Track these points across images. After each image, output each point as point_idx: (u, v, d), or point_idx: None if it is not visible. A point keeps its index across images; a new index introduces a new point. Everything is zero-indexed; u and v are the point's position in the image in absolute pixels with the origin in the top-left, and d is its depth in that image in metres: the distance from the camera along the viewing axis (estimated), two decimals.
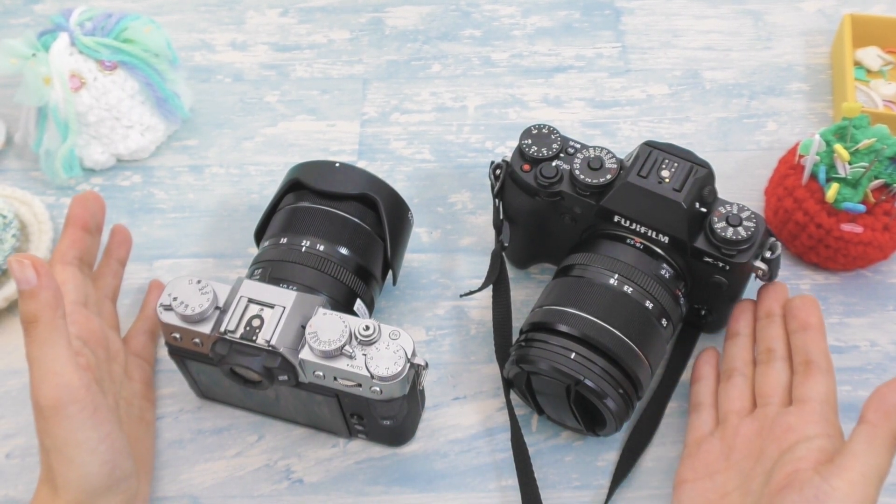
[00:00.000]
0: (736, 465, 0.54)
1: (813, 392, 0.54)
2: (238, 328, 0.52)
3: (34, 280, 0.48)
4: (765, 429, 0.54)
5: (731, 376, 0.58)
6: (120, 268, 0.65)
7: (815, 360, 0.56)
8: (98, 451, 0.50)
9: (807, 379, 0.55)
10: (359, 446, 0.61)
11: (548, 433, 0.61)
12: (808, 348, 0.56)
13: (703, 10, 0.83)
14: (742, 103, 0.77)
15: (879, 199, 0.62)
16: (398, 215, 0.62)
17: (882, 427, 0.48)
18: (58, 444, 0.49)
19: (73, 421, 0.49)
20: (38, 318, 0.48)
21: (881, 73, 0.77)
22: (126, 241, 0.66)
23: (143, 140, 0.73)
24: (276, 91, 0.79)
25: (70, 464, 0.50)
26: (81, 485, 0.50)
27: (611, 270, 0.57)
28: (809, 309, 0.58)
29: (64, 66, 0.69)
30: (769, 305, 0.60)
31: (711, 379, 0.60)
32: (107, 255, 0.65)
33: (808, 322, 0.57)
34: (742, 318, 0.61)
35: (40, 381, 0.49)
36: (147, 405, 0.60)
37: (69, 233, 0.60)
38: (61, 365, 0.49)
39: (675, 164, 0.57)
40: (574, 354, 0.54)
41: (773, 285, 0.61)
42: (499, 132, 0.76)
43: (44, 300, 0.48)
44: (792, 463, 0.50)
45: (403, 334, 0.53)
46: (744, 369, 0.59)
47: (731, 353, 0.60)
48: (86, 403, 0.49)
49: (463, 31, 0.83)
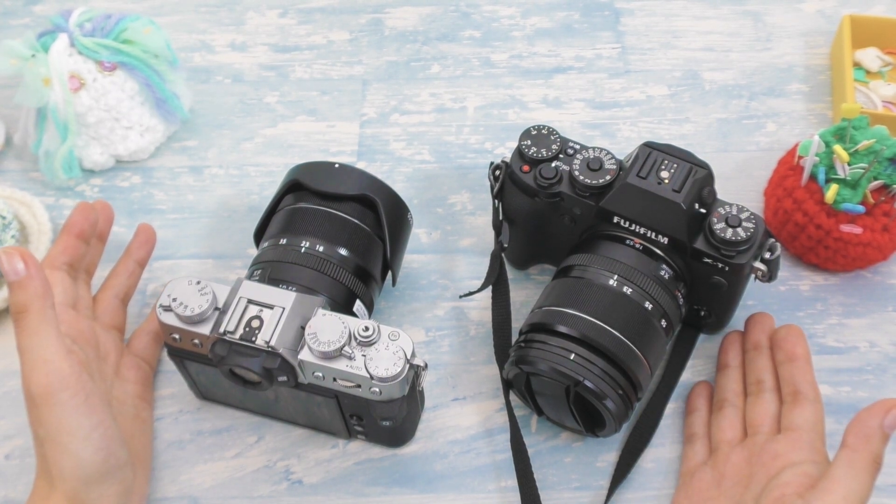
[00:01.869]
0: (727, 493, 0.55)
1: (800, 420, 0.56)
2: (237, 329, 0.52)
3: (23, 271, 0.49)
4: (754, 456, 0.56)
5: (722, 407, 0.60)
6: (137, 268, 0.64)
7: (803, 391, 0.58)
8: (91, 438, 0.50)
9: (794, 408, 0.57)
10: (358, 447, 0.61)
11: (547, 434, 0.61)
12: (796, 379, 0.58)
13: (703, 10, 0.83)
14: (741, 104, 0.77)
15: (879, 199, 0.62)
16: (398, 216, 0.62)
17: (862, 451, 0.49)
18: (51, 433, 0.50)
19: (64, 408, 0.49)
20: (28, 307, 0.49)
21: (880, 74, 0.77)
22: (148, 243, 0.66)
23: (143, 141, 0.73)
24: (275, 92, 0.79)
25: (64, 452, 0.50)
26: (76, 473, 0.50)
27: (610, 271, 0.57)
28: (795, 340, 0.60)
29: (63, 67, 0.69)
30: (756, 337, 0.62)
31: (704, 411, 0.61)
32: (126, 255, 0.65)
33: (794, 353, 0.59)
34: (731, 350, 0.63)
35: (31, 370, 0.49)
36: (143, 405, 0.60)
37: (62, 239, 0.60)
38: (51, 353, 0.49)
39: (674, 164, 0.57)
40: (573, 355, 0.54)
41: (760, 316, 0.63)
42: (498, 133, 0.76)
43: (32, 290, 0.49)
44: (778, 488, 0.51)
45: (403, 335, 0.53)
46: (735, 400, 0.60)
47: (722, 385, 0.61)
48: (77, 390, 0.50)
49: (462, 31, 0.83)
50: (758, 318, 0.63)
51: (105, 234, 0.63)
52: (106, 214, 0.63)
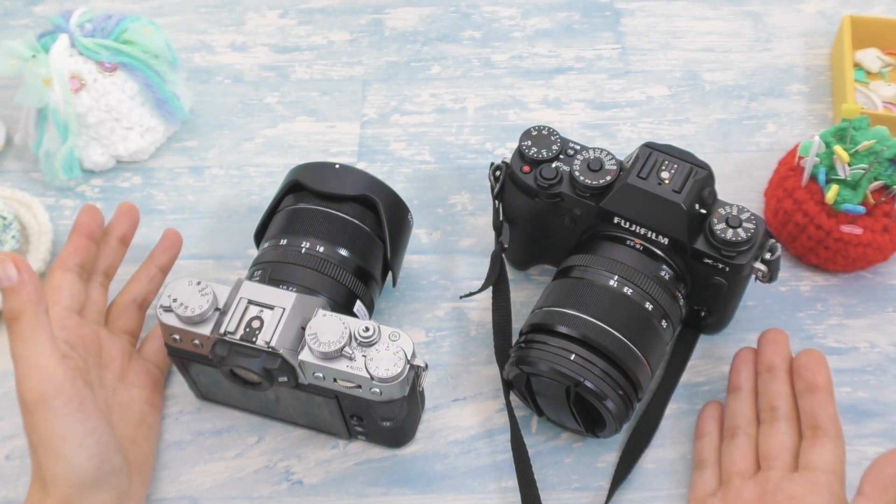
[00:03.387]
0: None
1: (819, 460, 0.53)
2: (238, 329, 0.52)
3: (15, 276, 0.48)
4: (768, 494, 0.53)
5: (734, 435, 0.57)
6: (159, 274, 0.64)
7: (823, 426, 0.54)
8: (85, 444, 0.50)
9: (814, 445, 0.54)
10: (358, 448, 0.61)
11: (547, 434, 0.61)
12: (816, 412, 0.55)
13: (703, 11, 0.83)
14: (742, 105, 0.77)
15: (879, 200, 0.62)
16: (398, 217, 0.62)
17: (879, 500, 0.47)
18: (44, 439, 0.50)
19: (58, 414, 0.49)
20: (21, 313, 0.49)
21: (881, 75, 0.77)
22: (173, 248, 0.65)
23: (143, 141, 0.73)
24: (275, 92, 0.79)
25: (57, 458, 0.50)
26: (69, 479, 0.50)
27: (610, 272, 0.57)
28: (817, 367, 0.57)
29: (64, 68, 0.69)
30: (770, 358, 0.59)
31: (715, 435, 0.59)
32: (148, 260, 0.64)
33: (815, 383, 0.56)
34: (743, 371, 0.60)
35: (24, 376, 0.49)
36: (150, 409, 0.60)
37: (73, 241, 0.60)
38: (45, 359, 0.49)
39: (674, 165, 0.57)
40: (574, 356, 0.54)
41: (773, 334, 0.60)
42: (498, 133, 0.76)
43: (25, 296, 0.49)
44: None
45: (403, 336, 0.52)
46: (747, 428, 0.57)
47: (733, 410, 0.59)
48: (70, 396, 0.49)
49: (463, 32, 0.83)
50: (771, 336, 0.59)
51: (129, 236, 0.63)
52: (131, 217, 0.63)
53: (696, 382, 0.63)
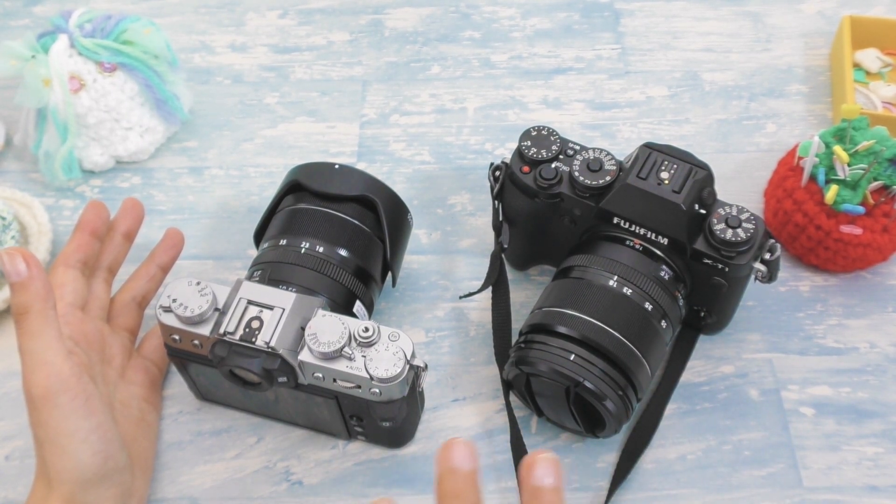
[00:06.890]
0: None
1: None
2: (237, 330, 0.52)
3: (24, 271, 0.48)
4: None
5: None
6: (160, 273, 0.64)
7: None
8: (90, 440, 0.50)
9: None
10: (358, 448, 0.61)
11: (547, 435, 0.61)
12: None
13: (703, 11, 0.83)
14: (741, 105, 0.77)
15: (878, 200, 0.62)
16: (398, 217, 0.62)
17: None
18: (50, 435, 0.50)
19: (64, 410, 0.49)
20: (29, 308, 0.49)
21: (880, 75, 0.77)
22: (174, 247, 0.65)
23: (143, 142, 0.73)
24: (275, 93, 0.79)
25: (62, 454, 0.50)
26: (74, 475, 0.50)
27: (610, 272, 0.57)
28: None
29: (63, 68, 0.69)
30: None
31: None
32: (149, 258, 0.64)
33: None
34: None
35: (31, 372, 0.49)
36: (148, 407, 0.60)
37: (76, 237, 0.60)
38: (52, 355, 0.49)
39: (674, 165, 0.57)
40: (573, 356, 0.54)
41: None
42: (498, 134, 0.76)
43: (34, 291, 0.49)
44: None
45: (403, 336, 0.53)
46: None
47: None
48: (77, 392, 0.50)
49: (462, 32, 0.83)
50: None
51: (133, 233, 0.64)
52: (136, 213, 0.64)
53: (696, 382, 0.63)
